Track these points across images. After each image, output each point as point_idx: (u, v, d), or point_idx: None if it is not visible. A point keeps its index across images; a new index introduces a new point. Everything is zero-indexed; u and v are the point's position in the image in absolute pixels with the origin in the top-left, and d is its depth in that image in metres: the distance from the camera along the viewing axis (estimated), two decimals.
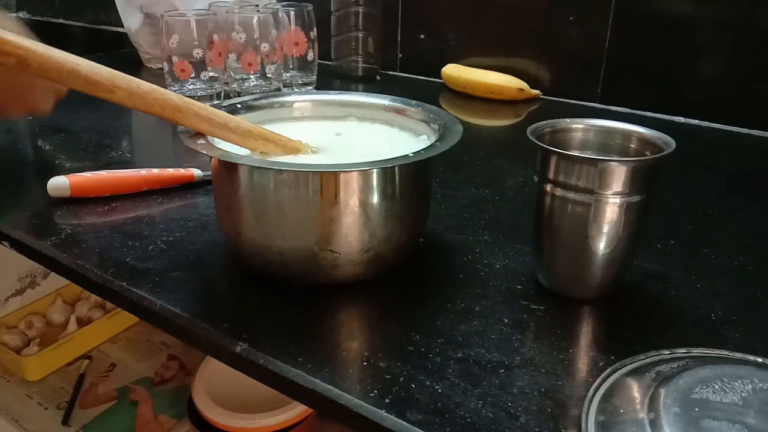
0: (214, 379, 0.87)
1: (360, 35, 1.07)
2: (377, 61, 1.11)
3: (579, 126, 0.47)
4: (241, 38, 0.88)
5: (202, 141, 0.45)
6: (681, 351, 0.39)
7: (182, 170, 0.63)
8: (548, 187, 0.43)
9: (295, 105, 0.57)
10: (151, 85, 0.43)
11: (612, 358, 0.39)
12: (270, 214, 0.44)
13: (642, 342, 0.40)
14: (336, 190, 0.42)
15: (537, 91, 1.00)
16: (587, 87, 0.97)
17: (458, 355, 0.39)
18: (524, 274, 0.48)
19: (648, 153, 0.44)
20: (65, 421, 0.95)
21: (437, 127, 0.50)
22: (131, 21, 1.12)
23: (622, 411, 0.33)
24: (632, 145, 0.46)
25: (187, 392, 0.90)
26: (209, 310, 0.44)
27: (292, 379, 0.37)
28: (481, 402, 0.35)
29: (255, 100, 0.55)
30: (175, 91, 0.53)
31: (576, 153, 0.46)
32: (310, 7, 0.94)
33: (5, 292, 1.10)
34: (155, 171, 0.62)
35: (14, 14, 1.74)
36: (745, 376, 0.33)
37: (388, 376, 0.37)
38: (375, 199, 0.43)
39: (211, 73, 0.90)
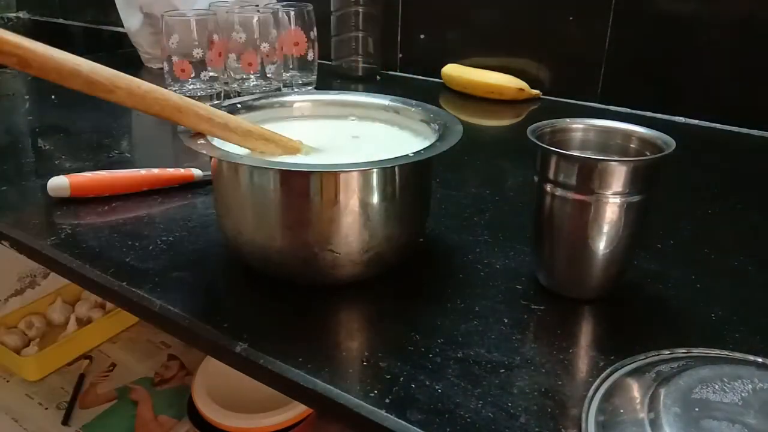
0: (214, 379, 0.87)
1: (360, 35, 1.07)
2: (377, 61, 1.11)
3: (579, 126, 0.47)
4: (241, 38, 0.88)
5: (202, 141, 0.45)
6: (681, 351, 0.39)
7: (182, 170, 0.63)
8: (548, 187, 0.43)
9: (295, 105, 0.57)
10: (151, 85, 0.43)
11: (612, 358, 0.39)
12: (270, 214, 0.44)
13: (642, 342, 0.40)
14: (336, 190, 0.42)
15: (537, 91, 1.00)
16: (587, 87, 0.97)
17: (458, 355, 0.39)
18: (524, 274, 0.48)
19: (648, 153, 0.44)
20: (65, 421, 0.95)
21: (437, 127, 0.50)
22: (131, 21, 1.12)
23: (622, 411, 0.33)
24: (632, 145, 0.46)
25: (187, 392, 0.90)
26: (209, 310, 0.44)
27: (292, 379, 0.37)
28: (481, 402, 0.35)
29: (255, 100, 0.55)
30: (175, 91, 0.53)
31: (576, 153, 0.46)
32: (310, 7, 0.94)
33: (5, 292, 1.10)
34: (155, 171, 0.62)
35: (14, 14, 1.74)
36: (745, 376, 0.33)
37: (388, 376, 0.37)
38: (375, 199, 0.43)
39: (211, 73, 0.90)
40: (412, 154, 0.43)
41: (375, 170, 0.42)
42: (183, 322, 0.42)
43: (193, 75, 0.88)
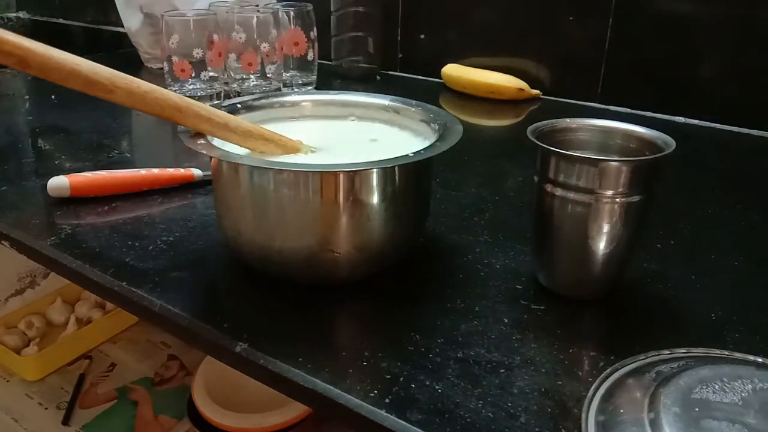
0: (214, 379, 0.87)
1: (360, 35, 1.07)
2: (377, 61, 1.11)
3: (579, 126, 0.47)
4: (241, 38, 0.88)
5: (202, 141, 0.45)
6: (681, 351, 0.39)
7: (182, 170, 0.63)
8: (548, 187, 0.43)
9: (295, 105, 0.57)
10: (151, 85, 0.43)
11: (612, 358, 0.39)
12: (270, 214, 0.44)
13: (642, 342, 0.40)
14: (336, 190, 0.42)
15: (537, 91, 1.00)
16: (587, 87, 0.97)
17: (458, 355, 0.39)
18: (524, 274, 0.48)
19: (648, 153, 0.44)
20: (65, 421, 0.95)
21: (437, 127, 0.50)
22: (131, 21, 1.12)
23: (622, 411, 0.33)
24: (632, 145, 0.46)
25: (187, 392, 0.90)
26: (209, 310, 0.44)
27: (292, 379, 0.37)
28: (481, 402, 0.35)
29: (255, 100, 0.55)
30: (175, 91, 0.53)
31: (576, 153, 0.46)
32: (310, 7, 0.94)
33: (5, 292, 1.10)
34: (155, 171, 0.62)
35: (14, 14, 1.74)
36: (745, 376, 0.33)
37: (388, 376, 0.37)
38: (375, 199, 0.43)
39: (211, 73, 0.90)
40: (412, 154, 0.43)
41: (375, 170, 0.42)
42: (183, 322, 0.42)
43: (193, 75, 0.88)
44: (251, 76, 0.91)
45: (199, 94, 0.89)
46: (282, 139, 0.49)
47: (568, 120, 0.47)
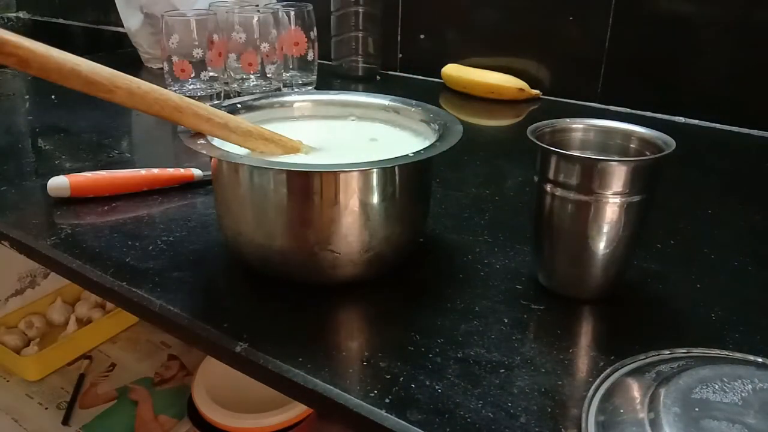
0: (214, 379, 0.87)
1: (360, 35, 1.07)
2: (377, 61, 1.11)
3: (579, 126, 0.47)
4: (241, 38, 0.88)
5: (202, 141, 0.45)
6: (681, 351, 0.39)
7: (182, 170, 0.63)
8: (548, 187, 0.43)
9: (295, 105, 0.57)
10: (151, 85, 0.43)
11: (612, 358, 0.39)
12: (270, 214, 0.44)
13: (642, 342, 0.40)
14: (336, 190, 0.42)
15: (537, 91, 1.00)
16: (587, 87, 0.97)
17: (458, 355, 0.39)
18: (524, 274, 0.48)
19: (648, 153, 0.44)
20: (65, 421, 0.95)
21: (437, 127, 0.50)
22: (131, 21, 1.12)
23: (622, 411, 0.33)
24: (632, 145, 0.46)
25: (187, 392, 0.90)
26: (209, 310, 0.44)
27: (292, 379, 0.37)
28: (481, 402, 0.35)
29: (255, 100, 0.55)
30: (175, 91, 0.53)
31: (576, 153, 0.46)
32: (310, 7, 0.94)
33: (5, 292, 1.10)
34: (155, 171, 0.62)
35: (14, 14, 1.74)
36: (745, 376, 0.33)
37: (388, 376, 0.37)
38: (375, 199, 0.43)
39: (211, 73, 0.90)
40: (412, 154, 0.43)
41: (375, 170, 0.42)
42: (183, 322, 0.42)
43: (193, 75, 0.88)
44: (251, 76, 0.91)
45: (199, 94, 0.89)
46: (282, 139, 0.49)
47: (568, 120, 0.47)
